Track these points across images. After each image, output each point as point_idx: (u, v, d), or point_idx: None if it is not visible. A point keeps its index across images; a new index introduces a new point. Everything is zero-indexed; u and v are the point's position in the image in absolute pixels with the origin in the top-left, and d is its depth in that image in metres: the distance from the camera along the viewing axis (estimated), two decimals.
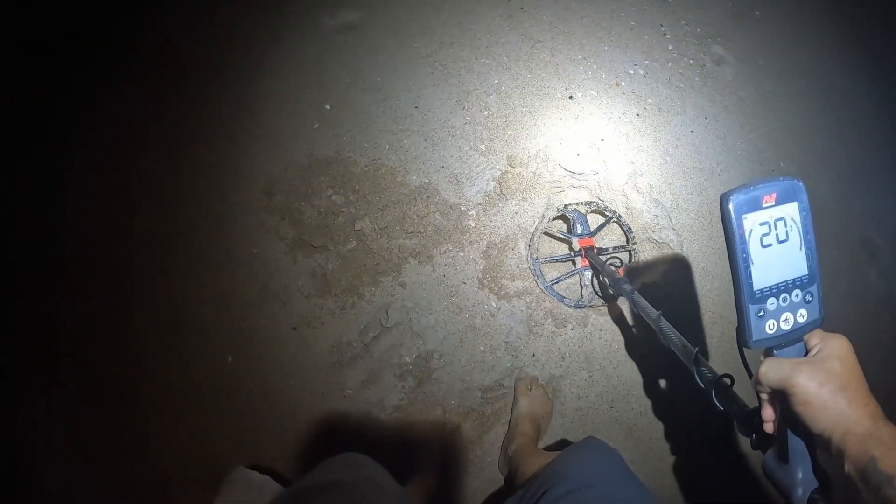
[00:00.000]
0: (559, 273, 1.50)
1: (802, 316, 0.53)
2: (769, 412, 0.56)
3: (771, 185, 0.50)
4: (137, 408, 1.38)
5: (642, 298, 1.03)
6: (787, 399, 0.50)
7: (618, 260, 1.48)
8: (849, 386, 0.48)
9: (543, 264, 1.49)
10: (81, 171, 1.53)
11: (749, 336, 0.52)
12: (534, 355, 1.43)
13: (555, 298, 1.46)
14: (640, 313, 1.02)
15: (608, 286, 1.40)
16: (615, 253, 1.49)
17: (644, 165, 1.60)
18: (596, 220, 1.54)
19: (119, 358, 1.41)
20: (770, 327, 0.52)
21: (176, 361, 1.40)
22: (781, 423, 0.55)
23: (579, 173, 1.56)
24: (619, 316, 1.48)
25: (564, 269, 1.51)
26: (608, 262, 1.45)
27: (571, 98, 1.64)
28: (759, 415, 0.57)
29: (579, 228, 1.48)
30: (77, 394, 1.38)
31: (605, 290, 1.47)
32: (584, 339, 1.46)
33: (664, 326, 0.90)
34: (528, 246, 1.49)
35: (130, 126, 1.57)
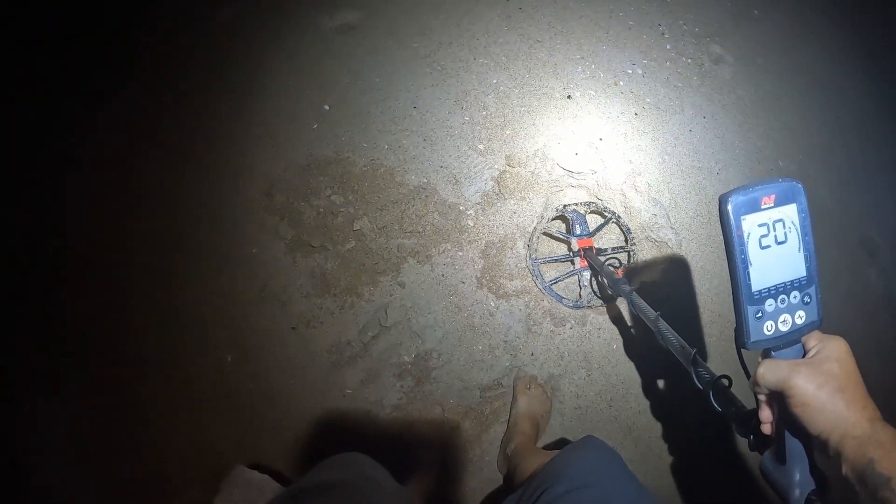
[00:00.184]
0: (558, 273, 1.50)
1: (801, 317, 0.53)
2: (767, 413, 0.56)
3: (770, 186, 0.50)
4: (137, 408, 1.38)
5: (641, 299, 1.03)
6: (785, 400, 0.51)
7: (616, 260, 1.48)
8: (847, 388, 0.48)
9: (542, 264, 1.49)
10: (81, 171, 1.53)
11: (747, 337, 0.52)
12: (532, 354, 1.43)
13: (553, 299, 1.47)
14: (638, 314, 1.02)
15: (607, 287, 1.40)
16: (614, 253, 1.49)
17: (642, 164, 1.60)
18: (595, 221, 1.54)
19: (119, 358, 1.41)
20: (768, 328, 0.52)
21: (176, 361, 1.40)
22: (779, 425, 0.55)
23: (578, 172, 1.56)
24: (617, 315, 1.49)
25: (563, 270, 1.51)
26: (607, 262, 1.45)
27: (570, 97, 1.64)
28: (756, 416, 0.57)
29: (578, 229, 1.48)
30: (77, 394, 1.38)
31: (603, 291, 1.47)
32: (583, 337, 1.46)
33: (662, 327, 0.90)
34: (526, 246, 1.49)
35: (130, 126, 1.57)
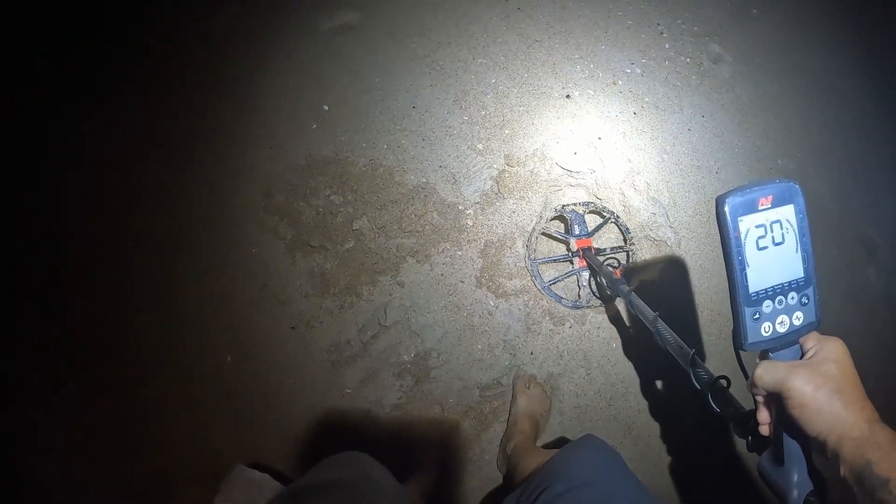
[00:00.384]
0: (557, 273, 1.50)
1: (798, 318, 0.53)
2: (765, 414, 0.56)
3: (767, 187, 0.50)
4: (137, 408, 1.38)
5: (639, 299, 1.03)
6: (783, 402, 0.51)
7: (615, 261, 1.48)
8: (845, 389, 0.48)
9: (541, 264, 1.49)
10: (81, 171, 1.53)
11: (744, 339, 0.52)
12: (532, 353, 1.44)
13: (552, 299, 1.47)
14: (637, 314, 1.02)
15: (606, 287, 1.40)
16: (613, 254, 1.49)
17: (641, 164, 1.60)
18: (594, 221, 1.54)
19: (119, 358, 1.41)
20: (766, 330, 0.52)
21: (176, 361, 1.41)
22: (777, 426, 0.55)
23: (577, 172, 1.56)
24: (616, 315, 1.49)
25: (562, 270, 1.51)
26: (606, 262, 1.45)
27: (568, 97, 1.64)
28: (755, 417, 0.58)
29: (577, 229, 1.48)
30: (77, 394, 1.38)
31: (602, 291, 1.47)
32: (582, 337, 1.46)
33: (661, 328, 0.90)
34: (525, 246, 1.49)
35: (130, 126, 1.57)
